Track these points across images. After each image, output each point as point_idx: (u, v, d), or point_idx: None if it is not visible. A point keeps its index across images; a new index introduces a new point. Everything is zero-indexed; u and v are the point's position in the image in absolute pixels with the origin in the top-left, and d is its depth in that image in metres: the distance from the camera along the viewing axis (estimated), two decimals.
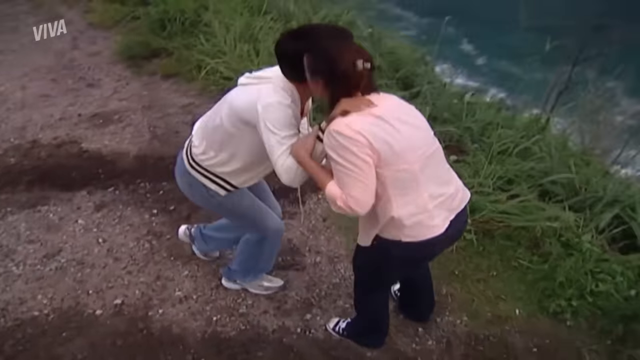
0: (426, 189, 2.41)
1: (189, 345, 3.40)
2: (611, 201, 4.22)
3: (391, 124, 2.32)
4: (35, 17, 7.44)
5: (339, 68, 2.24)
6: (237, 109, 2.63)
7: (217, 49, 6.12)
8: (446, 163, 2.54)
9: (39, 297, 3.70)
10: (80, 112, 5.55)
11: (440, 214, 2.46)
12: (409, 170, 2.35)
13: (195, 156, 2.92)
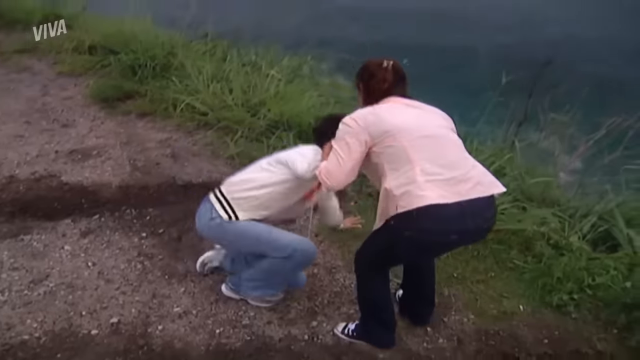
0: (418, 164, 2.55)
1: (193, 359, 3.17)
2: (586, 212, 4.27)
3: (394, 108, 2.73)
4: (4, 69, 7.23)
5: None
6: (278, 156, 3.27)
7: (190, 88, 6.07)
8: (460, 152, 2.66)
9: (28, 321, 3.44)
10: (57, 149, 5.35)
11: (434, 190, 2.49)
12: (396, 146, 2.59)
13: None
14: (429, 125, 2.70)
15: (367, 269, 3.05)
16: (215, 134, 5.54)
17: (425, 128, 2.67)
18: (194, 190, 4.77)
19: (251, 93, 5.77)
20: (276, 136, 5.16)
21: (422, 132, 2.64)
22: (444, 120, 2.80)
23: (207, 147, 5.40)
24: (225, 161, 5.18)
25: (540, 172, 4.98)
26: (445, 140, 2.68)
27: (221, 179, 4.67)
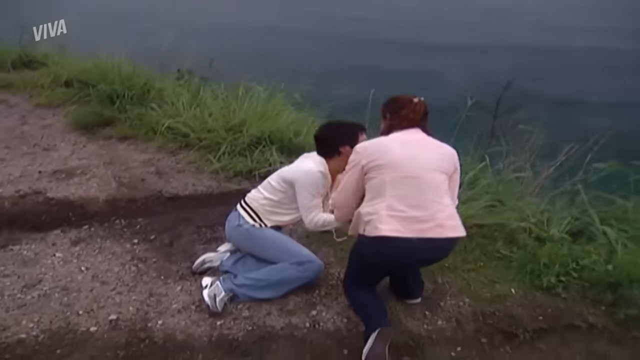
0: (387, 201, 2.87)
1: (196, 349, 3.15)
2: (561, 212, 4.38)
3: (400, 142, 3.01)
4: None
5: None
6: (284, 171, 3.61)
7: (170, 112, 6.05)
8: (433, 195, 2.90)
9: (24, 322, 3.35)
10: (41, 170, 5.26)
11: (391, 224, 2.82)
12: (379, 179, 2.93)
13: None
14: (418, 166, 2.93)
15: (349, 287, 3.30)
16: (197, 153, 5.52)
17: (412, 168, 2.93)
18: (181, 201, 4.74)
19: (230, 115, 5.78)
20: (259, 150, 5.15)
21: (407, 171, 2.91)
22: (439, 161, 3.00)
23: (191, 164, 5.37)
24: (209, 175, 5.16)
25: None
26: (424, 182, 2.92)
27: (207, 191, 4.69)
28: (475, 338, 3.19)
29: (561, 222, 4.20)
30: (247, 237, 3.65)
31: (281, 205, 3.62)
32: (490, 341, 3.16)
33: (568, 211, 4.42)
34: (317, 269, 3.55)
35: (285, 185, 3.56)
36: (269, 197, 3.63)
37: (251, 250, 3.71)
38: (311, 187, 3.45)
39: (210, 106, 6.10)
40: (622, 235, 3.95)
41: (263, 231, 3.63)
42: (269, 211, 3.64)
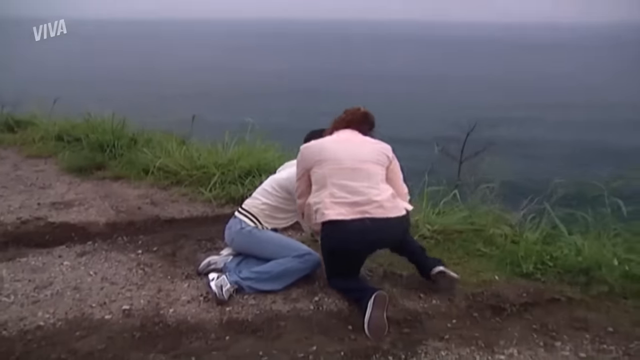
0: (329, 190, 3.28)
1: (208, 330, 3.25)
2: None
3: (339, 140, 3.46)
4: None
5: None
6: (280, 178, 3.95)
7: (160, 154, 6.24)
8: (369, 182, 3.31)
9: (40, 314, 3.42)
10: (39, 202, 5.35)
11: (335, 209, 3.23)
12: (320, 172, 3.35)
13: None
14: (354, 159, 3.35)
15: (332, 279, 3.57)
16: (189, 187, 5.69)
17: (349, 161, 3.34)
18: (179, 223, 4.87)
19: (219, 155, 6.00)
20: (249, 180, 5.35)
21: (344, 164, 3.33)
22: (373, 154, 3.42)
23: (184, 196, 5.54)
24: (203, 203, 5.32)
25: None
26: (360, 172, 3.32)
27: (202, 215, 4.85)
28: (467, 312, 3.36)
29: (534, 230, 4.45)
30: (250, 238, 3.84)
31: (278, 209, 3.92)
32: (482, 314, 3.34)
33: (537, 222, 4.68)
34: (317, 261, 3.73)
35: (281, 191, 3.89)
36: (267, 202, 3.91)
37: (254, 251, 3.86)
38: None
39: (199, 148, 6.31)
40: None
41: (264, 232, 3.86)
42: (267, 215, 3.90)
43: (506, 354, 2.94)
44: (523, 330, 3.16)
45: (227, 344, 3.07)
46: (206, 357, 2.94)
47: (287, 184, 3.87)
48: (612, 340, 3.06)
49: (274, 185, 3.95)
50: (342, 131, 3.53)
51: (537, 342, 3.05)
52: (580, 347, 3.00)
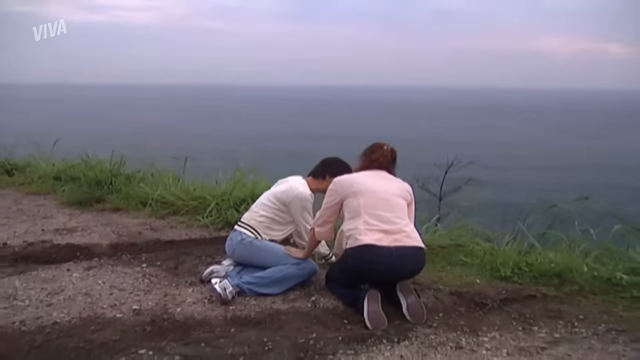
0: (363, 218, 3.53)
1: (214, 324, 3.45)
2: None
3: (370, 176, 3.74)
4: None
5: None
6: (278, 193, 4.18)
7: (157, 188, 6.48)
8: (398, 213, 3.61)
9: (55, 314, 3.59)
10: (43, 229, 5.52)
11: (369, 235, 3.46)
12: (354, 203, 3.61)
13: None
14: (385, 192, 3.64)
15: (335, 286, 3.83)
16: (186, 216, 5.92)
17: (381, 193, 3.61)
18: (179, 244, 5.08)
19: (214, 188, 6.26)
20: (244, 207, 5.59)
21: (376, 195, 3.60)
22: (401, 191, 3.73)
23: (182, 223, 5.75)
24: (200, 229, 5.54)
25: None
26: (391, 203, 3.60)
27: (200, 237, 5.08)
28: (453, 307, 3.62)
29: (510, 245, 4.75)
30: (250, 248, 4.10)
31: (275, 222, 4.20)
32: (466, 308, 3.60)
33: (513, 239, 4.98)
34: (313, 268, 3.99)
35: (279, 204, 4.17)
36: (265, 214, 4.19)
37: (254, 261, 4.10)
38: (306, 206, 4.15)
39: (193, 183, 6.58)
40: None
41: (263, 242, 4.12)
42: (265, 227, 4.18)
43: (489, 337, 3.19)
44: (504, 320, 3.42)
45: (233, 334, 3.27)
46: (214, 343, 3.13)
47: (283, 196, 4.15)
48: (583, 325, 3.33)
49: (270, 199, 4.23)
50: (372, 171, 3.80)
51: (517, 327, 3.31)
52: (555, 330, 3.27)
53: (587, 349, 3.04)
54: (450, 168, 7.21)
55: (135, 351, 3.05)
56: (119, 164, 7.40)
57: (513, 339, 3.17)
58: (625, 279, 3.84)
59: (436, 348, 3.07)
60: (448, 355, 2.99)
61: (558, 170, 19.06)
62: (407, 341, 3.15)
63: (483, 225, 5.44)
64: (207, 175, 7.13)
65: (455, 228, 5.14)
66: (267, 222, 4.19)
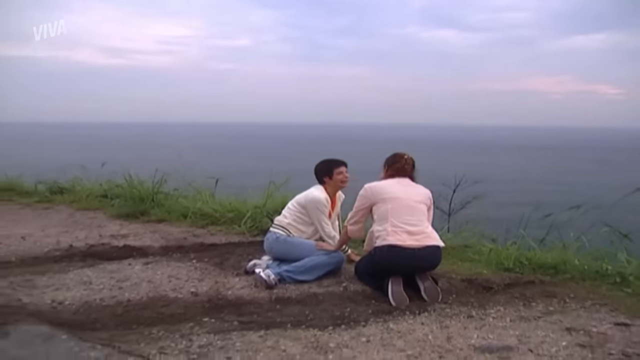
0: (390, 221, 3.99)
1: (261, 303, 3.91)
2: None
3: (395, 183, 4.21)
4: (31, 209, 7.88)
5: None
6: (299, 198, 4.83)
7: (196, 202, 7.00)
8: (421, 217, 4.11)
9: (126, 294, 4.08)
10: (100, 234, 6.04)
11: (395, 236, 3.92)
12: (383, 208, 4.08)
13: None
14: (409, 198, 4.12)
15: (363, 276, 4.28)
16: (224, 225, 6.43)
17: (405, 199, 4.09)
18: (221, 247, 5.56)
19: (248, 201, 6.78)
20: (278, 214, 6.06)
21: (402, 202, 4.07)
22: (422, 196, 4.21)
23: (220, 231, 6.26)
24: (238, 235, 6.04)
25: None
26: (414, 208, 4.08)
27: (239, 242, 5.58)
28: (464, 289, 4.09)
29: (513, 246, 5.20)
30: (285, 245, 4.64)
31: (299, 222, 4.77)
32: (475, 291, 4.06)
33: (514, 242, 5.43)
34: (341, 258, 4.51)
35: (299, 207, 4.79)
36: (290, 216, 4.78)
37: (289, 255, 4.59)
38: (319, 208, 4.71)
39: (228, 198, 7.10)
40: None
41: (295, 238, 4.68)
42: (294, 227, 4.74)
43: (495, 310, 3.66)
44: (507, 298, 3.90)
45: (279, 309, 3.75)
46: (264, 315, 3.62)
47: (302, 201, 4.77)
48: (573, 301, 3.81)
49: (293, 203, 4.85)
50: (397, 179, 4.27)
51: (518, 303, 3.79)
52: (550, 305, 3.75)
53: (576, 317, 3.52)
54: (457, 188, 7.69)
55: (199, 320, 3.53)
56: (159, 182, 7.90)
57: (515, 311, 3.64)
58: (609, 269, 4.29)
59: (451, 317, 3.54)
60: (461, 322, 3.46)
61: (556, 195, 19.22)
62: (426, 313, 3.63)
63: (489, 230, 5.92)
64: (236, 194, 7.63)
65: (464, 230, 5.62)
66: (293, 223, 4.74)
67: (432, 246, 3.99)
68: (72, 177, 9.82)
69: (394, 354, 2.99)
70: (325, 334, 3.26)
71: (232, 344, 3.11)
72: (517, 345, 3.08)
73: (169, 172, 8.08)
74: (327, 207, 4.72)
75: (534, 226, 5.78)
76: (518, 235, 5.43)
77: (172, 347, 3.07)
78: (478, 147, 66.53)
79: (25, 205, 8.26)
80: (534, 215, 5.76)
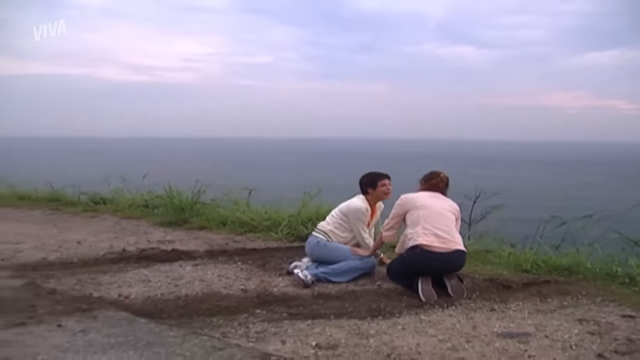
0: (421, 225, 4.48)
1: (304, 299, 4.36)
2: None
3: (428, 195, 4.74)
4: (79, 218, 8.43)
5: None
6: (341, 207, 5.27)
7: (233, 211, 7.49)
8: (449, 224, 4.57)
9: (183, 290, 4.54)
10: (149, 240, 6.54)
11: (425, 238, 4.39)
12: (415, 215, 4.59)
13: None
14: (439, 208, 4.62)
15: (395, 275, 4.71)
16: (261, 232, 6.89)
17: (435, 208, 4.60)
18: (261, 251, 6.01)
19: (282, 211, 7.25)
20: (311, 223, 6.54)
21: (432, 210, 4.58)
22: (451, 208, 4.72)
23: (258, 238, 6.72)
24: (275, 241, 6.49)
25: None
26: (443, 216, 4.57)
27: (277, 247, 6.04)
28: (487, 288, 4.50)
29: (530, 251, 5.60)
30: (325, 249, 5.08)
31: (340, 229, 5.21)
32: (497, 289, 4.48)
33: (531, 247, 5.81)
34: (373, 263, 4.96)
35: (341, 215, 5.21)
36: (333, 223, 5.22)
37: (327, 258, 5.03)
38: (359, 217, 5.17)
39: (264, 207, 7.59)
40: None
41: (334, 244, 5.12)
42: (334, 233, 5.19)
43: (514, 304, 4.08)
44: (525, 295, 4.31)
45: (321, 303, 4.20)
46: (309, 307, 4.07)
47: (344, 209, 5.23)
48: (585, 298, 4.22)
49: (336, 211, 5.28)
50: (430, 192, 4.79)
51: (535, 299, 4.20)
52: (564, 300, 4.16)
53: (587, 310, 3.93)
54: (477, 199, 8.09)
55: (252, 311, 3.98)
56: (198, 193, 8.41)
57: (532, 305, 4.06)
58: (619, 271, 4.68)
59: (475, 310, 3.97)
60: (485, 314, 3.89)
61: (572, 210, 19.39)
62: (453, 307, 4.06)
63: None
64: (265, 205, 8.10)
65: (485, 236, 6.05)
66: (334, 229, 5.19)
67: (458, 250, 4.43)
68: (111, 188, 10.36)
69: (426, 339, 3.41)
70: (364, 323, 3.70)
71: (284, 331, 3.56)
72: (534, 332, 3.50)
73: (206, 183, 8.57)
74: (366, 216, 5.16)
75: (550, 234, 6.18)
76: (535, 242, 5.83)
77: (232, 333, 3.52)
78: (496, 161, 66.61)
79: (73, 214, 8.82)
80: (550, 225, 6.15)
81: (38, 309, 3.75)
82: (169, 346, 3.10)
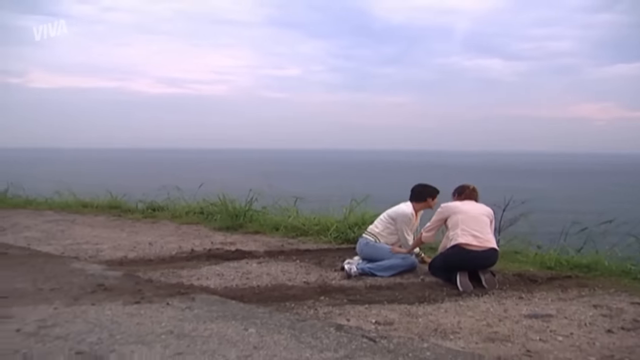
0: (460, 227, 5.20)
1: (360, 289, 5.10)
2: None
3: (464, 203, 5.47)
4: (142, 223, 9.29)
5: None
6: (390, 212, 6.02)
7: (283, 217, 8.30)
8: (485, 227, 5.28)
9: (253, 282, 5.33)
10: (212, 241, 7.37)
11: (464, 238, 5.13)
12: (455, 219, 5.31)
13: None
14: (475, 212, 5.34)
15: (436, 271, 5.41)
16: (312, 236, 7.66)
17: (472, 212, 5.32)
18: (315, 251, 6.78)
19: (329, 217, 8.04)
20: (357, 228, 7.29)
21: (469, 214, 5.30)
22: (486, 212, 5.42)
23: (310, 240, 7.50)
24: (326, 243, 7.25)
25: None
26: (480, 219, 5.31)
27: (328, 248, 6.81)
28: (516, 282, 5.22)
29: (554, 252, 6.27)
30: (372, 249, 5.84)
31: (387, 232, 5.96)
32: (524, 283, 5.19)
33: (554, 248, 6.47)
34: (412, 261, 5.71)
35: (389, 219, 5.96)
36: (381, 227, 5.97)
37: (374, 257, 5.78)
38: (405, 221, 5.87)
39: (313, 213, 8.39)
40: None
41: (381, 244, 5.86)
42: (382, 235, 5.93)
43: (539, 294, 4.80)
44: (549, 287, 5.02)
45: (374, 292, 4.96)
46: (365, 296, 4.83)
47: (392, 214, 5.99)
48: (600, 289, 4.92)
49: (384, 215, 6.03)
50: (466, 201, 5.54)
51: (557, 290, 4.91)
52: (582, 291, 4.87)
53: (601, 299, 4.64)
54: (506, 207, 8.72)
55: (317, 298, 4.75)
56: (251, 201, 9.25)
57: (555, 295, 4.77)
58: (632, 269, 5.35)
59: (506, 298, 4.70)
60: (514, 301, 4.62)
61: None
62: (487, 296, 4.79)
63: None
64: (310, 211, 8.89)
65: (513, 237, 6.76)
66: (382, 232, 5.95)
67: (492, 249, 5.15)
68: (165, 196, 11.25)
69: (465, 318, 4.16)
70: (413, 307, 4.46)
71: (346, 312, 4.33)
72: (555, 314, 4.22)
73: (257, 192, 9.39)
74: (412, 221, 5.93)
75: (573, 238, 6.84)
76: (559, 245, 6.51)
77: (304, 313, 4.30)
78: (525, 172, 66.48)
79: (135, 219, 9.73)
80: (573, 228, 6.82)
81: (145, 293, 4.58)
82: (261, 318, 3.90)
